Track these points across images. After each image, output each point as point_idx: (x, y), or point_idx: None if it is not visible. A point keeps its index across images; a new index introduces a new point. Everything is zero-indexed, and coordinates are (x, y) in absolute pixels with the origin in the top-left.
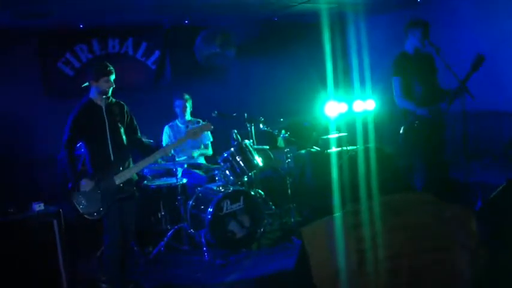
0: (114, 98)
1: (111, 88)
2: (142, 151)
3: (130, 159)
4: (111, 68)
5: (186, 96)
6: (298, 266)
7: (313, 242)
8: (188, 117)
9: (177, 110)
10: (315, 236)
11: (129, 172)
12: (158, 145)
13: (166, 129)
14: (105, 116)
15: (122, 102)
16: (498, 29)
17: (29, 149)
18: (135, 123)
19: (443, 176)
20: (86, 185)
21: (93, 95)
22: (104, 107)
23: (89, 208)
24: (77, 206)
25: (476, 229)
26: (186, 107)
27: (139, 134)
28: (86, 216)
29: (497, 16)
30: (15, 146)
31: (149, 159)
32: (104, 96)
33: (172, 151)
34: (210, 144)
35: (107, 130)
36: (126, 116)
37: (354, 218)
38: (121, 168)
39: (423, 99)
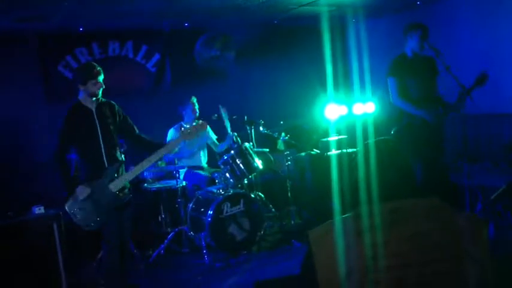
0: (113, 101)
1: (101, 89)
2: (146, 148)
3: (123, 164)
4: (99, 68)
5: (194, 100)
6: (304, 269)
7: (320, 244)
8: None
9: (185, 114)
10: (322, 238)
11: (129, 176)
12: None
13: (172, 132)
14: (96, 120)
15: (112, 102)
16: (497, 31)
17: (29, 153)
18: (130, 120)
19: (442, 179)
20: (81, 191)
21: (82, 97)
22: (94, 110)
23: (86, 220)
24: (73, 217)
25: (487, 240)
26: (195, 110)
27: (137, 131)
28: (83, 227)
29: (496, 19)
30: (15, 150)
31: (153, 158)
32: (93, 99)
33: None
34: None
35: (99, 135)
36: (117, 115)
37: (362, 222)
38: (116, 175)
39: (418, 101)
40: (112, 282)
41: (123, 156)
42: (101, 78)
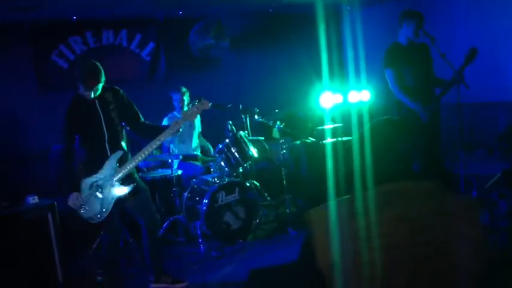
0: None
1: (97, 92)
2: (150, 135)
3: (129, 154)
4: (100, 76)
5: (183, 90)
6: (303, 250)
7: (318, 225)
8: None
9: (175, 104)
10: (320, 219)
11: (131, 164)
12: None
13: (166, 122)
14: (99, 110)
15: (116, 87)
16: (492, 20)
17: (24, 143)
18: (135, 108)
19: (437, 167)
20: (75, 199)
21: (82, 90)
22: (96, 100)
23: (90, 212)
24: (77, 210)
25: (480, 222)
26: (183, 100)
27: (142, 118)
28: (88, 220)
29: (492, 7)
30: (8, 139)
31: (155, 142)
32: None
33: (171, 145)
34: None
35: (103, 124)
36: (121, 100)
37: (357, 204)
38: (117, 164)
39: (415, 90)
40: (110, 273)
41: (125, 144)
42: (100, 86)
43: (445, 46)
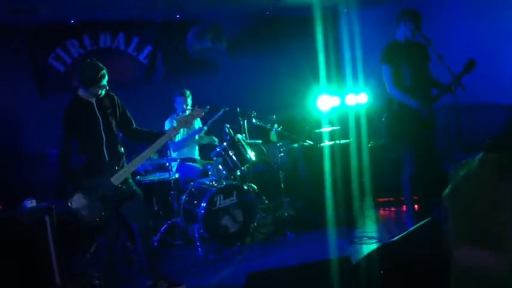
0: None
1: (104, 90)
2: (144, 140)
3: (124, 157)
4: (104, 72)
5: (187, 93)
6: None
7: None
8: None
9: (178, 107)
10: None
11: (130, 168)
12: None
13: (168, 123)
14: (97, 113)
15: (112, 93)
16: (489, 22)
17: (21, 146)
18: (129, 113)
19: (434, 166)
20: (77, 200)
21: (82, 92)
22: (94, 102)
23: (91, 215)
24: (77, 213)
25: None
26: (187, 103)
27: (134, 124)
28: (87, 223)
29: (488, 9)
30: (6, 142)
31: (154, 147)
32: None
33: (171, 148)
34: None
35: (101, 128)
36: (118, 107)
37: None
38: (116, 168)
39: (412, 88)
40: (107, 276)
41: (121, 148)
42: (104, 81)
43: (443, 47)
